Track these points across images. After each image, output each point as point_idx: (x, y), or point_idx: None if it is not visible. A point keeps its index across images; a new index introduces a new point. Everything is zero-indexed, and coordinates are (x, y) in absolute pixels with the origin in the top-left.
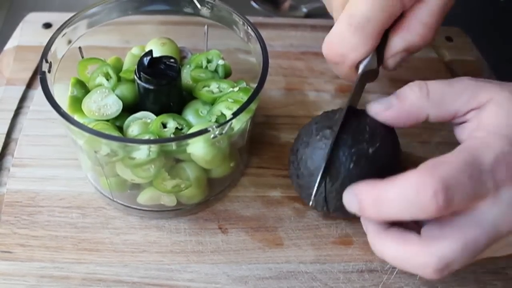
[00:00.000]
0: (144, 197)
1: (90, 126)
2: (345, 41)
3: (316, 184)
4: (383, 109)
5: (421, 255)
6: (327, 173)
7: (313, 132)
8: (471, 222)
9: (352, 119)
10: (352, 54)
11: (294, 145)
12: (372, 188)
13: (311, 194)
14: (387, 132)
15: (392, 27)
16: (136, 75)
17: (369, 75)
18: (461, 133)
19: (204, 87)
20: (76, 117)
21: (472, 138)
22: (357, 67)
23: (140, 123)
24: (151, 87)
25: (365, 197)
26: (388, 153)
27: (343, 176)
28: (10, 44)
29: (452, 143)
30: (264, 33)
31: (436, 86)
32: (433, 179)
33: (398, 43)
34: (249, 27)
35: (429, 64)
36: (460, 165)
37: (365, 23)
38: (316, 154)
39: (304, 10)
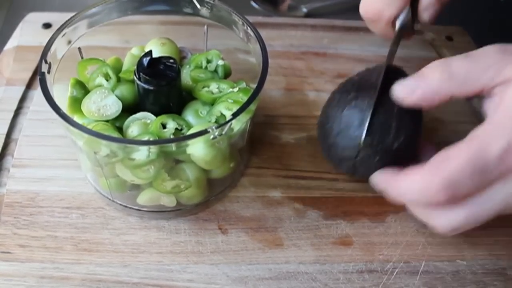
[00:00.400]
0: (144, 198)
1: (90, 127)
2: None
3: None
4: (407, 94)
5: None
6: (368, 140)
7: (351, 94)
8: (487, 200)
9: (392, 80)
10: (387, 10)
11: (329, 104)
12: (391, 181)
13: (341, 157)
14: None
15: None
16: (136, 76)
17: (405, 32)
18: (488, 107)
19: (203, 87)
20: (76, 117)
21: (487, 122)
22: (393, 24)
23: (140, 123)
24: (151, 88)
25: (389, 188)
26: (414, 133)
27: (383, 150)
28: (10, 44)
29: (452, 142)
30: (264, 33)
31: (459, 64)
32: (436, 178)
33: None
34: (248, 27)
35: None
36: (464, 163)
37: None
38: (353, 117)
39: (304, 10)
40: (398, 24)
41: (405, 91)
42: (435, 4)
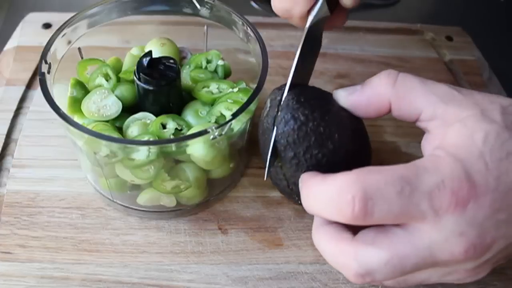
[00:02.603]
0: (144, 198)
1: (90, 127)
2: None
3: (267, 162)
4: (346, 94)
5: (346, 255)
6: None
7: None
8: (406, 239)
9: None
10: (296, 8)
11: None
12: (308, 181)
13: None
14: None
15: None
16: (136, 76)
17: (322, 24)
18: (425, 146)
19: (203, 87)
20: (76, 118)
21: (428, 156)
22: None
23: (140, 124)
24: (151, 88)
25: (303, 187)
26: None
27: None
28: (10, 44)
29: None
30: (263, 33)
31: (408, 78)
32: (356, 184)
33: None
34: (248, 27)
35: (429, 64)
36: (392, 179)
37: None
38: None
39: None
40: (309, 20)
41: (346, 91)
42: None
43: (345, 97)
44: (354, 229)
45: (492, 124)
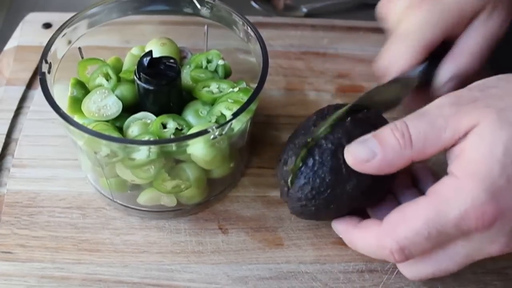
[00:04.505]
0: (144, 198)
1: (90, 127)
2: (390, 51)
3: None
4: (364, 160)
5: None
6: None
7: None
8: (447, 257)
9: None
10: (396, 64)
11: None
12: (346, 233)
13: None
14: None
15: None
16: (136, 76)
17: (407, 88)
18: (448, 156)
19: (204, 87)
20: (76, 117)
21: (446, 180)
22: None
23: (140, 123)
24: (151, 88)
25: (345, 238)
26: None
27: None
28: (10, 44)
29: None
30: (264, 33)
31: (417, 128)
32: (390, 240)
33: (446, 69)
34: (249, 27)
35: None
36: (418, 226)
37: (410, 33)
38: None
39: (304, 10)
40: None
41: (359, 159)
42: (450, 80)
43: (364, 165)
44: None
45: (510, 128)
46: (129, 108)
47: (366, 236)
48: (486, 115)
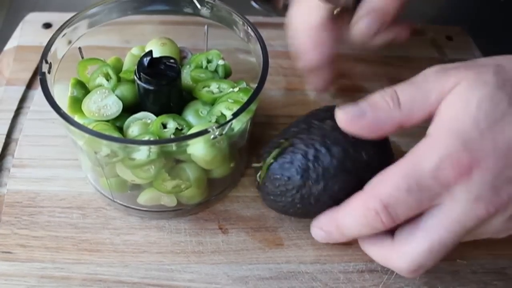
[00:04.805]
0: (144, 198)
1: (90, 126)
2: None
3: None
4: (356, 117)
5: (394, 258)
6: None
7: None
8: (436, 223)
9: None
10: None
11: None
12: (330, 219)
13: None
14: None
15: None
16: (136, 76)
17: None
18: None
19: (204, 87)
20: (76, 117)
21: (424, 139)
22: None
23: (140, 123)
24: (151, 88)
25: (329, 228)
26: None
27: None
28: (10, 44)
29: None
30: (264, 33)
31: (406, 93)
32: (372, 200)
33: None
34: (249, 27)
35: (429, 63)
36: (397, 181)
37: None
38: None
39: None
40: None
41: (349, 117)
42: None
43: (355, 123)
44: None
45: (485, 87)
46: (129, 108)
47: (351, 208)
48: (465, 76)
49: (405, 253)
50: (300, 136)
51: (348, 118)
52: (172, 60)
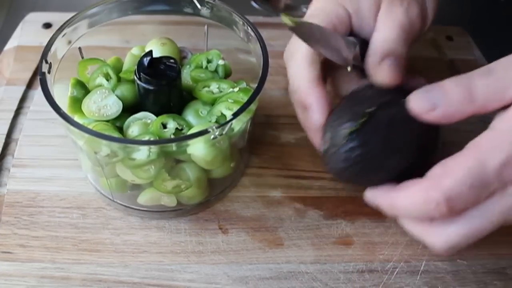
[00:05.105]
0: (145, 198)
1: (90, 126)
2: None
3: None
4: (427, 109)
5: (432, 235)
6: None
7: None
8: (481, 214)
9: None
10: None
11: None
12: (386, 196)
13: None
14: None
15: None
16: (136, 76)
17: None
18: (498, 114)
19: (204, 87)
20: (76, 117)
21: (489, 131)
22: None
23: (140, 123)
24: (151, 88)
25: (382, 203)
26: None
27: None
28: (10, 44)
29: (452, 142)
30: (264, 33)
31: (483, 84)
32: (436, 191)
33: (374, 44)
34: (249, 27)
35: (430, 63)
36: (462, 176)
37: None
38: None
39: (304, 10)
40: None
41: (425, 105)
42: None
43: (428, 113)
44: None
45: None
46: (129, 108)
47: (409, 195)
48: None
49: (444, 233)
50: (385, 108)
51: (419, 108)
52: (172, 60)
